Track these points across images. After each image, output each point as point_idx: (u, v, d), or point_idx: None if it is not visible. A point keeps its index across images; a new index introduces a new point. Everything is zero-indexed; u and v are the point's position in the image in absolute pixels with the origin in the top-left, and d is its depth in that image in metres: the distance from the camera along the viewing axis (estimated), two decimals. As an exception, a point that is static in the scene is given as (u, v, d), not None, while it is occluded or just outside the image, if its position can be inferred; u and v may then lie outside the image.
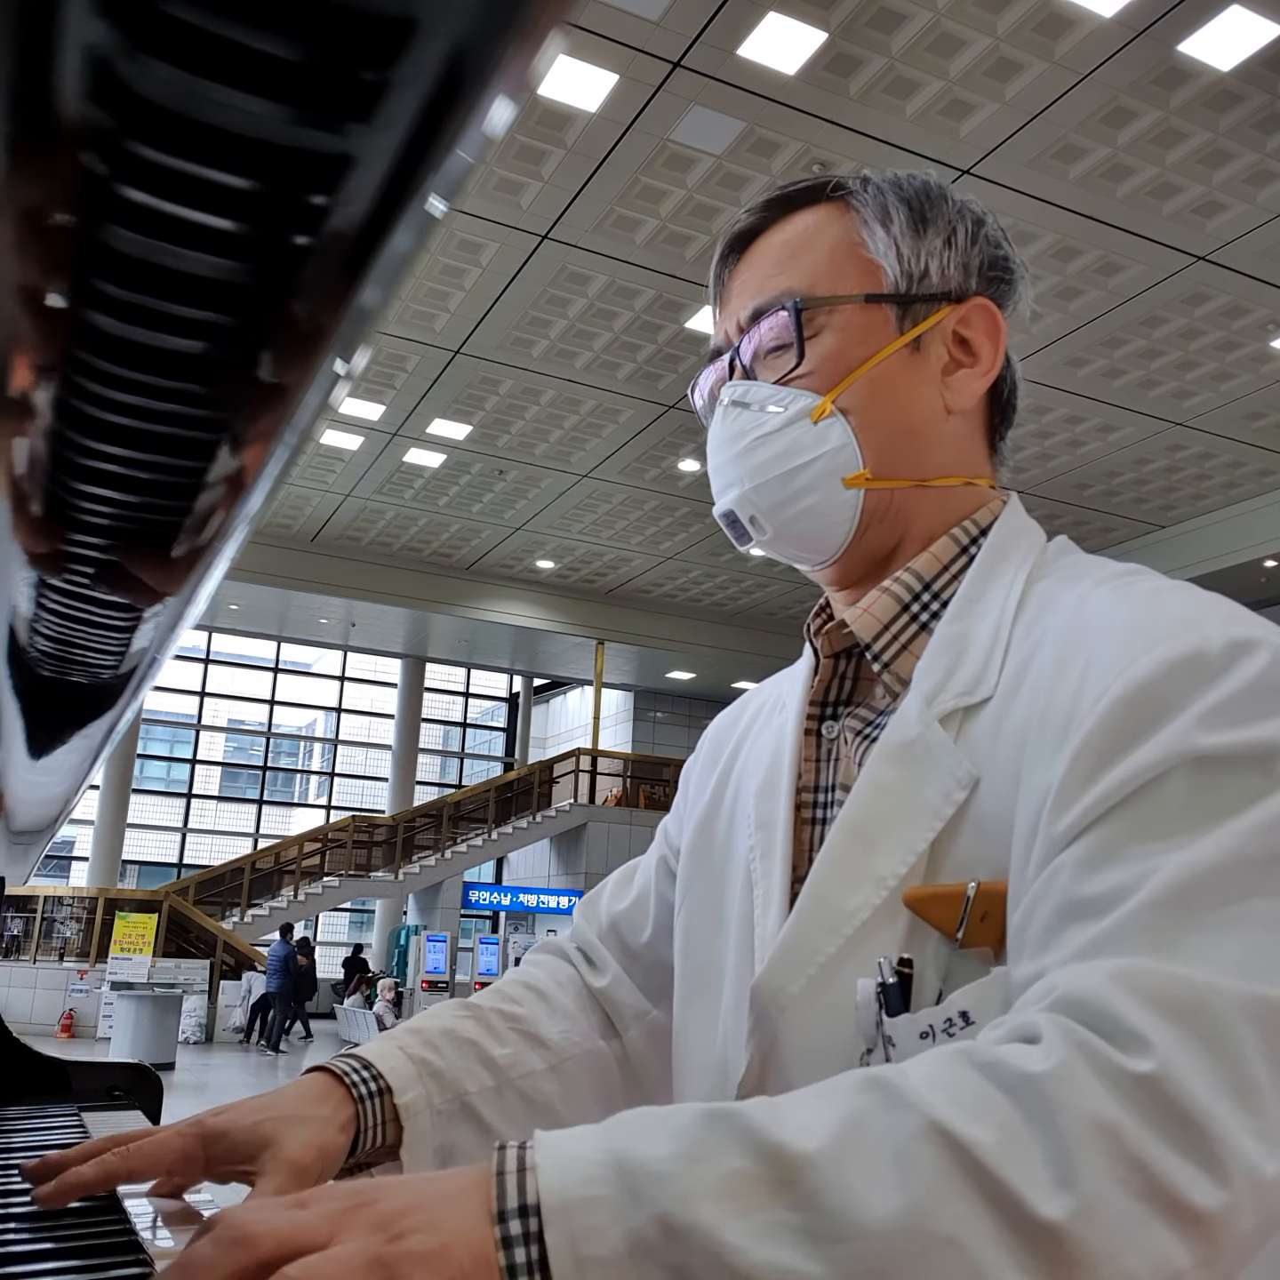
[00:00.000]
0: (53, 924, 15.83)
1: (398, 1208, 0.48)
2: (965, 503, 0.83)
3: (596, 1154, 0.48)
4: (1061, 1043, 0.51)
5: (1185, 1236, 0.47)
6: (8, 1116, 1.13)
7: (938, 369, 0.82)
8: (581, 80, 7.88)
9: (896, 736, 0.73)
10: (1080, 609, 0.69)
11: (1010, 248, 0.87)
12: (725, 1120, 0.49)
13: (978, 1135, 0.48)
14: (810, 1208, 0.46)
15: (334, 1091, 0.79)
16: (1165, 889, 0.55)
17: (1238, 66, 7.44)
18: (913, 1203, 0.46)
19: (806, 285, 0.81)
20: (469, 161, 0.24)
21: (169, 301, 0.27)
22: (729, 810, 0.89)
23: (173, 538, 0.39)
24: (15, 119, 0.21)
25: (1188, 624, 0.63)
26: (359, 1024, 12.88)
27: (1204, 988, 0.52)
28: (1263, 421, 11.98)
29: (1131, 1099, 0.49)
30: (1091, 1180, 0.47)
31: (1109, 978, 0.53)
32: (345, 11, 0.20)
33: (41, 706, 0.65)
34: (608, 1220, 0.46)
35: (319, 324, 0.28)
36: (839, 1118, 0.49)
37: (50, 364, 0.29)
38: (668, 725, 23.29)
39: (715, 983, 0.83)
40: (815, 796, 0.81)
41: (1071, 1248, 0.46)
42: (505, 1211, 0.48)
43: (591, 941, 0.99)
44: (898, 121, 8.11)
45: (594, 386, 12.19)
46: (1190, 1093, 0.49)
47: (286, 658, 23.24)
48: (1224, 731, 0.58)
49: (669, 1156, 0.48)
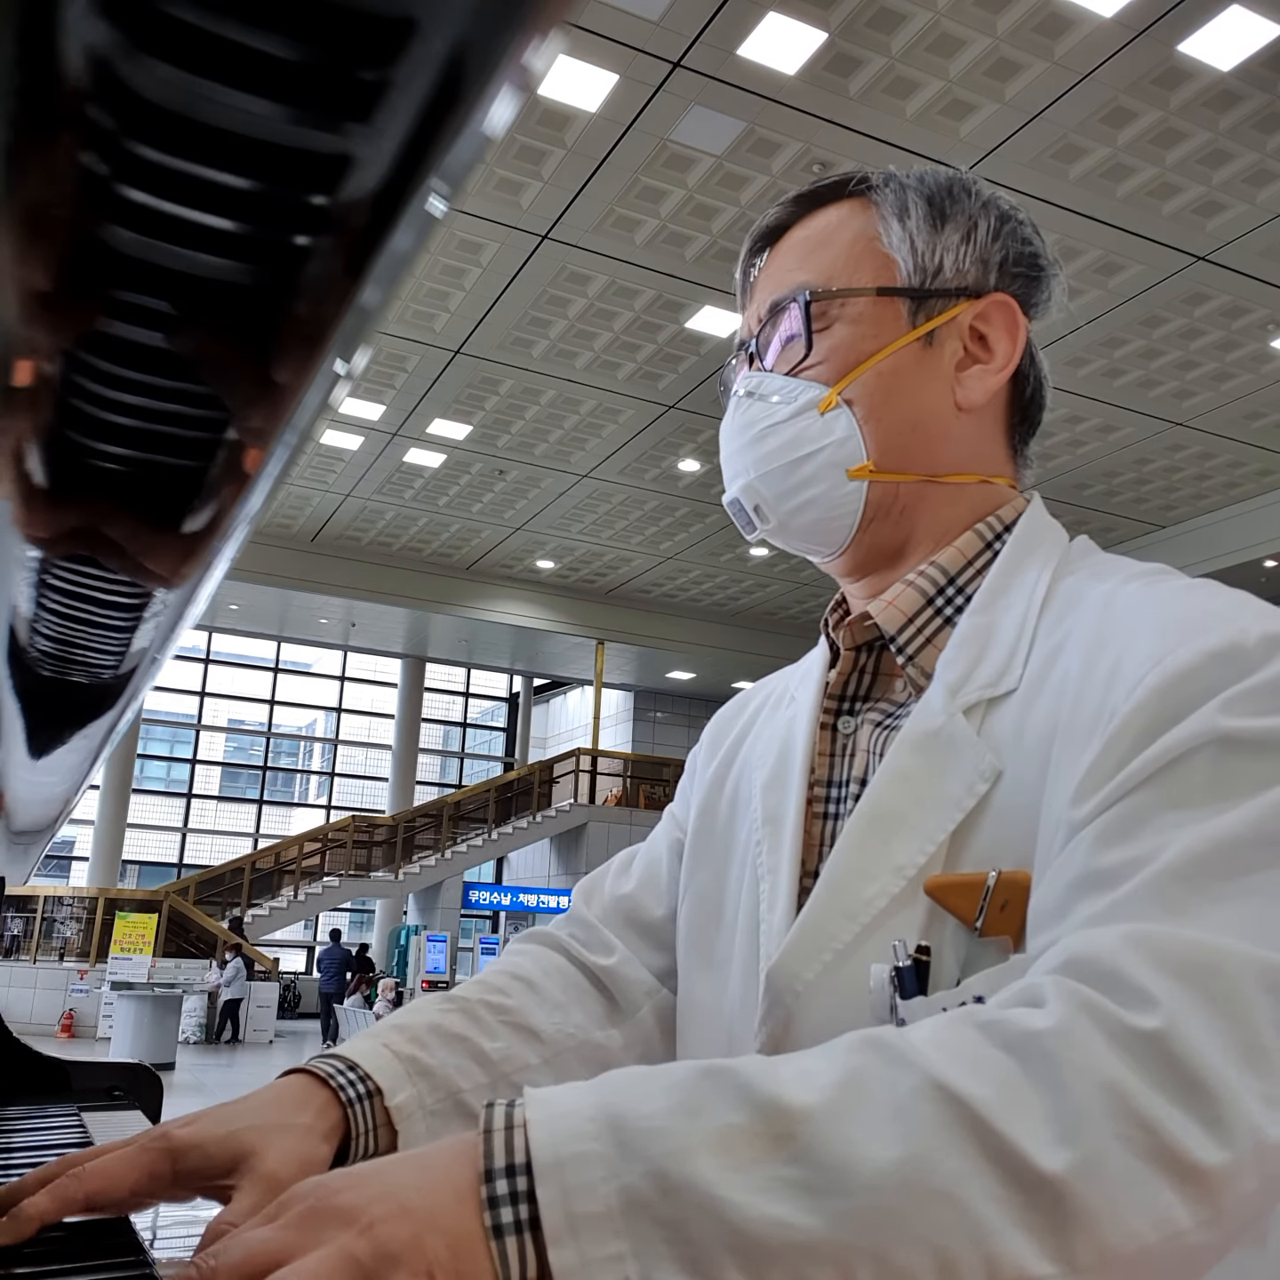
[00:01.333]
0: (53, 924, 15.83)
1: (365, 1197, 0.47)
2: (983, 500, 0.82)
3: (589, 1110, 0.47)
4: (1065, 1001, 0.50)
5: (1187, 1195, 0.47)
6: (8, 1116, 1.13)
7: (951, 365, 0.81)
8: (581, 80, 7.87)
9: (920, 726, 0.73)
10: (1109, 606, 0.69)
11: (1041, 244, 0.86)
12: (721, 1076, 0.49)
13: (977, 1091, 0.47)
14: (807, 1162, 0.46)
15: (316, 1096, 0.72)
16: (1182, 858, 0.55)
17: (1238, 66, 7.43)
18: (911, 1157, 0.46)
19: (823, 279, 0.82)
20: (469, 161, 0.24)
21: (169, 301, 0.27)
22: (729, 801, 0.88)
23: (173, 537, 0.39)
24: (15, 119, 0.21)
25: (1222, 618, 0.63)
26: (359, 1024, 12.88)
27: (1217, 951, 0.51)
28: (1263, 421, 11.98)
29: (1136, 1055, 0.49)
30: (1093, 1135, 0.46)
31: (1120, 939, 0.52)
32: (345, 11, 0.20)
33: (41, 706, 0.65)
34: (601, 1176, 0.45)
35: (319, 324, 0.28)
36: (837, 1074, 0.49)
37: (51, 364, 0.29)
38: (668, 725, 23.28)
39: (720, 973, 0.82)
40: (829, 791, 0.80)
41: (1072, 1203, 0.45)
42: (492, 1170, 0.46)
43: (591, 924, 0.96)
44: (898, 121, 8.10)
45: (594, 386, 12.19)
46: (1196, 1051, 0.49)
47: (286, 658, 23.23)
48: (1253, 717, 0.58)
49: (664, 1111, 0.47)
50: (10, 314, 0.26)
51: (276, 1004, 15.57)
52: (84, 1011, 14.32)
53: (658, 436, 13.19)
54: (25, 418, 0.31)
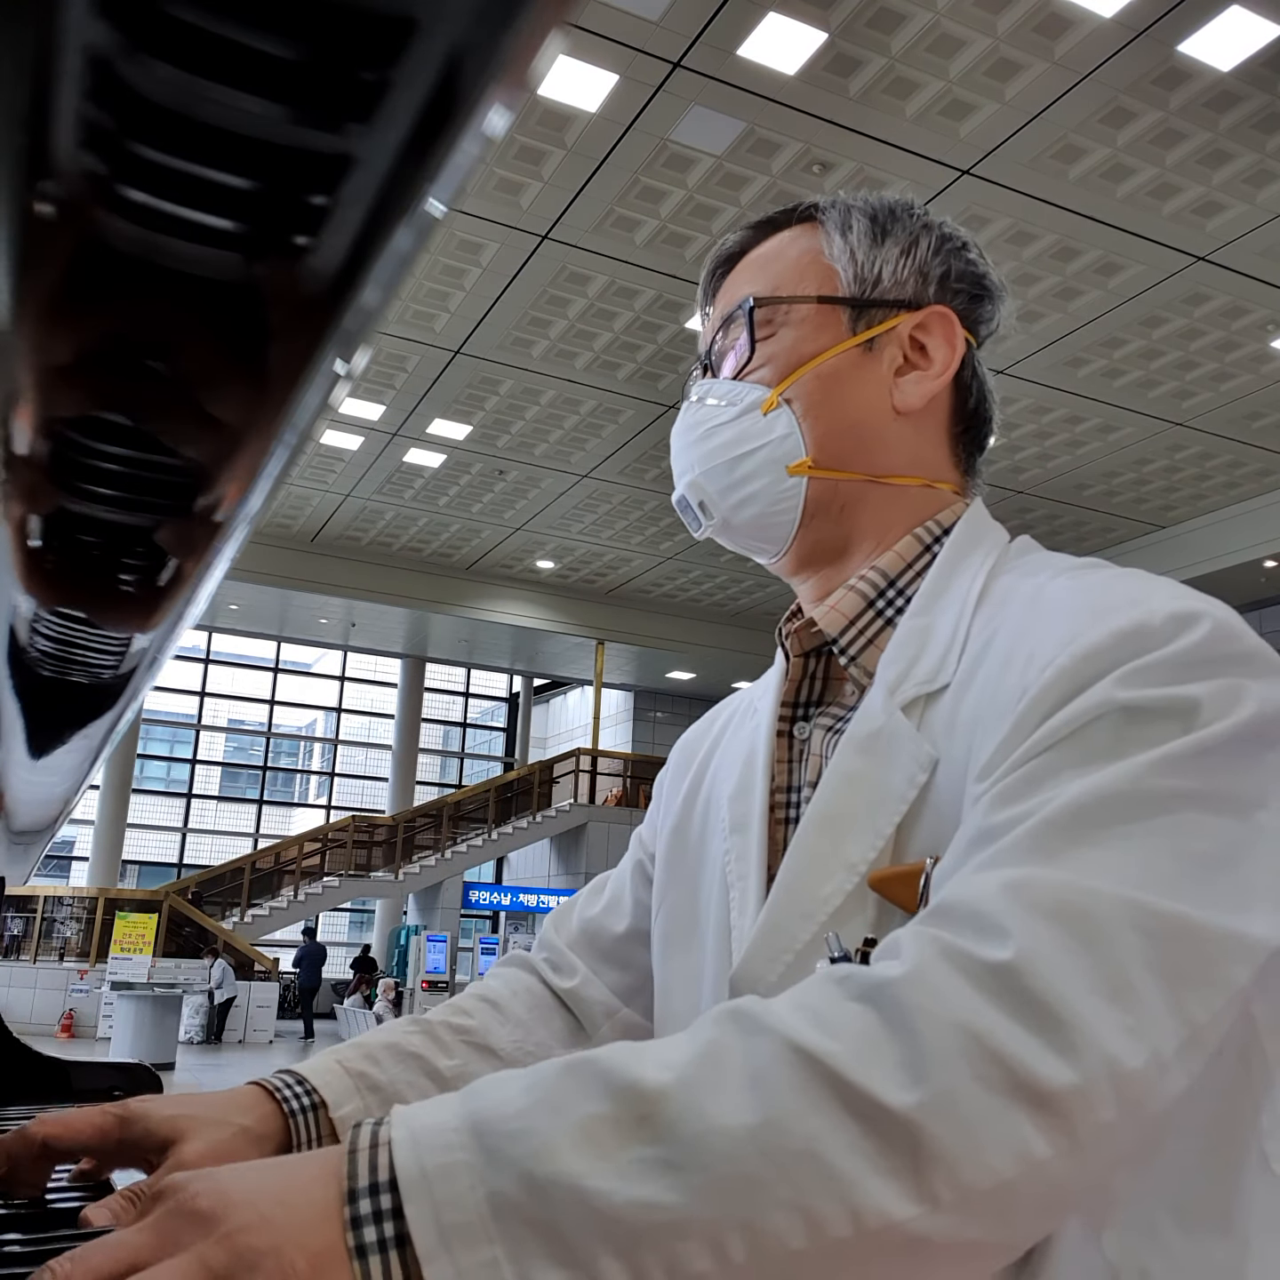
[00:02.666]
0: (53, 924, 15.83)
1: (227, 1203, 0.46)
2: (925, 504, 0.85)
3: (454, 1120, 0.47)
4: (919, 947, 0.52)
5: (1040, 1124, 0.47)
6: (8, 1116, 1.13)
7: (890, 370, 0.85)
8: (581, 80, 7.88)
9: (862, 728, 0.75)
10: (1036, 599, 0.71)
11: (988, 267, 0.90)
12: (582, 1067, 0.49)
13: (831, 1046, 0.48)
14: (667, 1140, 0.46)
15: (261, 1105, 0.77)
16: (1062, 809, 0.56)
17: (1238, 66, 7.43)
18: (768, 1121, 0.46)
19: (769, 290, 0.87)
20: (469, 161, 0.24)
21: (169, 301, 0.27)
22: (701, 816, 0.90)
23: (173, 538, 0.39)
24: (15, 119, 0.21)
25: (1133, 601, 0.64)
26: (359, 1024, 12.88)
27: (1086, 891, 0.52)
28: (1263, 421, 11.98)
29: (987, 988, 0.49)
30: (944, 1072, 0.47)
31: (990, 884, 0.54)
32: (345, 11, 0.20)
33: (41, 706, 0.65)
34: (468, 1185, 0.45)
35: (319, 324, 0.28)
36: (696, 1049, 0.49)
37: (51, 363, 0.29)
38: (668, 725, 23.28)
39: (694, 984, 0.83)
40: (788, 797, 0.82)
41: (928, 1143, 0.46)
42: (356, 1190, 0.46)
43: (559, 948, 0.99)
44: (898, 121, 8.11)
45: (594, 387, 12.19)
46: (1045, 978, 0.49)
47: (286, 658, 23.24)
48: (1153, 688, 0.59)
49: (526, 1110, 0.47)
50: (10, 312, 0.26)
51: (276, 1004, 15.59)
52: (84, 1011, 14.33)
53: (658, 436, 13.19)
54: (24, 417, 0.31)
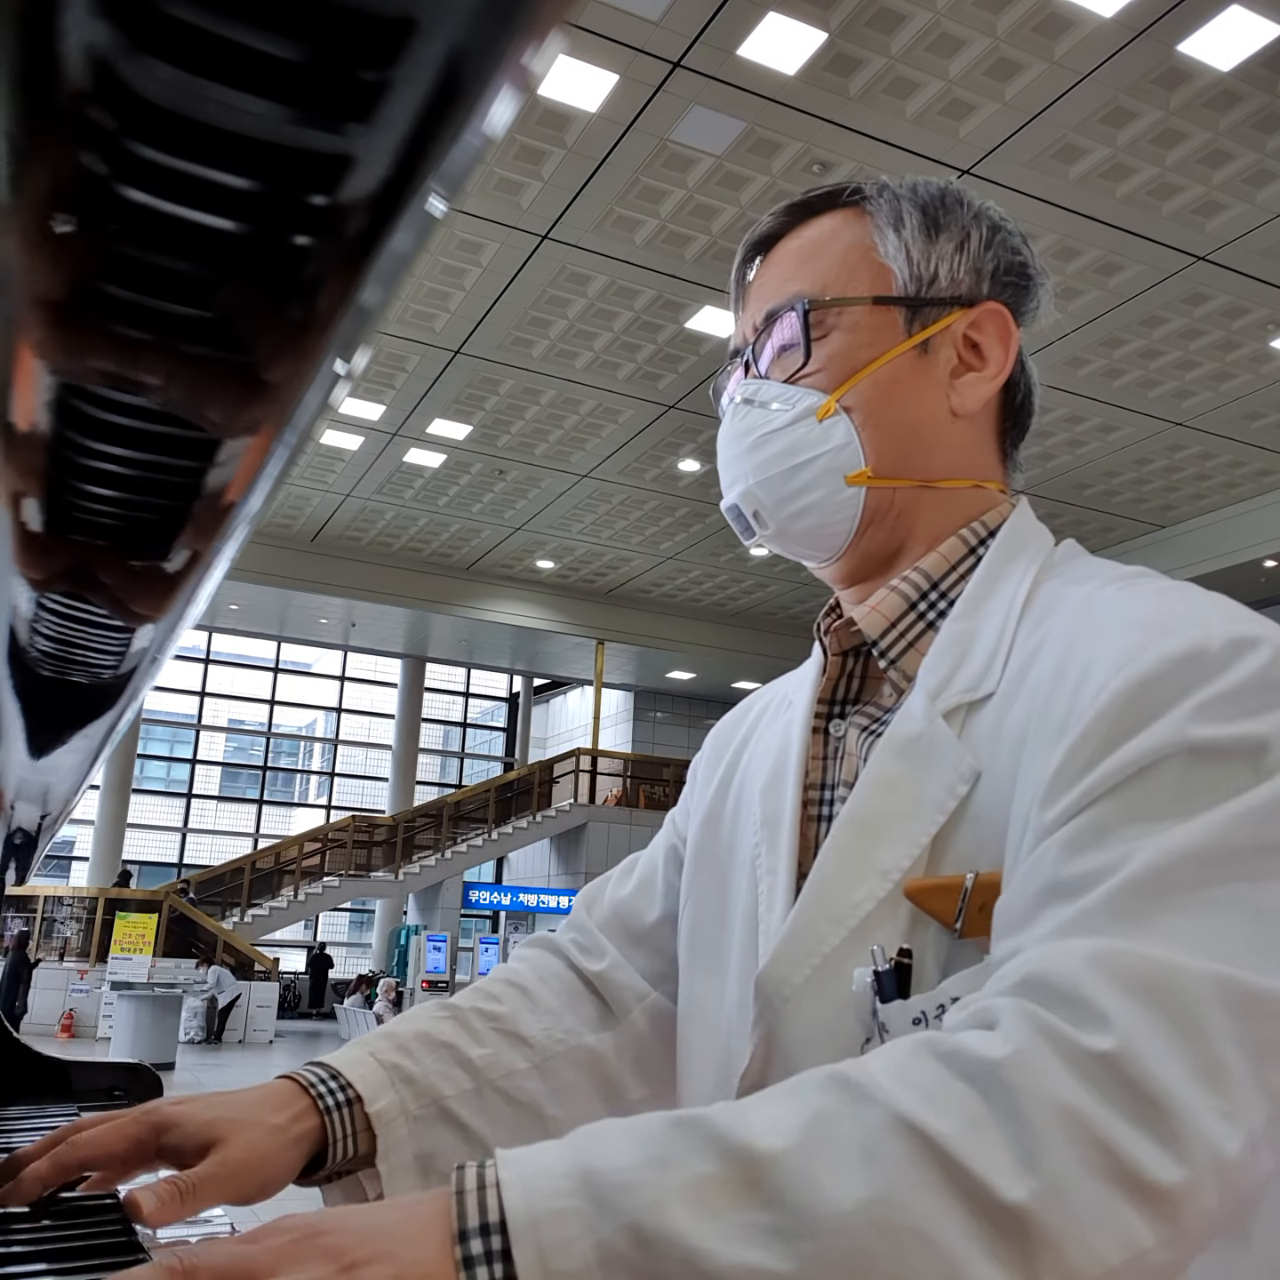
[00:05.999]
0: (53, 924, 15.83)
1: (351, 1239, 0.47)
2: (973, 505, 0.83)
3: (562, 1166, 0.48)
4: (1021, 1026, 0.51)
5: (1148, 1214, 0.47)
6: (8, 1116, 1.13)
7: (946, 372, 0.83)
8: (581, 80, 7.88)
9: (901, 732, 0.74)
10: (1084, 609, 0.70)
11: (1029, 253, 0.87)
12: (691, 1126, 0.49)
13: (942, 1126, 0.48)
14: (778, 1206, 0.46)
15: (296, 1101, 0.76)
16: (1144, 870, 0.55)
17: (1238, 66, 7.44)
18: (880, 1195, 0.46)
19: (818, 288, 0.83)
20: (469, 161, 0.24)
21: (168, 301, 0.27)
22: (733, 806, 0.89)
23: (173, 538, 0.39)
24: (15, 119, 0.21)
25: (1189, 621, 0.63)
26: (359, 1024, 12.88)
27: (1174, 968, 0.52)
28: (1263, 421, 11.98)
29: (1091, 1078, 0.49)
30: (1053, 1161, 0.47)
31: (1077, 958, 0.53)
32: (345, 11, 0.20)
33: (41, 706, 0.65)
34: (577, 1233, 0.45)
35: (319, 324, 0.28)
36: (804, 1116, 0.49)
37: (51, 363, 0.29)
38: (668, 725, 23.28)
39: (720, 976, 0.83)
40: (821, 794, 0.81)
41: (1038, 1231, 0.46)
42: (466, 1231, 0.46)
43: (589, 929, 0.98)
44: (898, 121, 8.11)
45: (594, 386, 12.19)
46: (1151, 1070, 0.49)
47: (286, 658, 23.24)
48: (1218, 724, 0.58)
49: (636, 1165, 0.47)
50: (10, 313, 0.26)
51: (276, 1004, 15.58)
52: (84, 1011, 14.33)
53: (658, 436, 13.19)
54: (24, 417, 0.31)
